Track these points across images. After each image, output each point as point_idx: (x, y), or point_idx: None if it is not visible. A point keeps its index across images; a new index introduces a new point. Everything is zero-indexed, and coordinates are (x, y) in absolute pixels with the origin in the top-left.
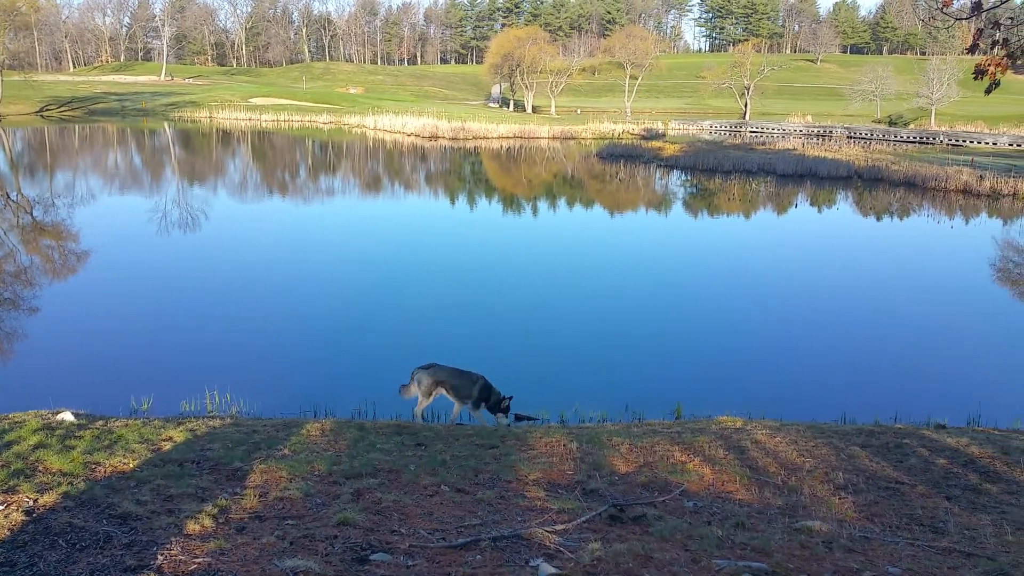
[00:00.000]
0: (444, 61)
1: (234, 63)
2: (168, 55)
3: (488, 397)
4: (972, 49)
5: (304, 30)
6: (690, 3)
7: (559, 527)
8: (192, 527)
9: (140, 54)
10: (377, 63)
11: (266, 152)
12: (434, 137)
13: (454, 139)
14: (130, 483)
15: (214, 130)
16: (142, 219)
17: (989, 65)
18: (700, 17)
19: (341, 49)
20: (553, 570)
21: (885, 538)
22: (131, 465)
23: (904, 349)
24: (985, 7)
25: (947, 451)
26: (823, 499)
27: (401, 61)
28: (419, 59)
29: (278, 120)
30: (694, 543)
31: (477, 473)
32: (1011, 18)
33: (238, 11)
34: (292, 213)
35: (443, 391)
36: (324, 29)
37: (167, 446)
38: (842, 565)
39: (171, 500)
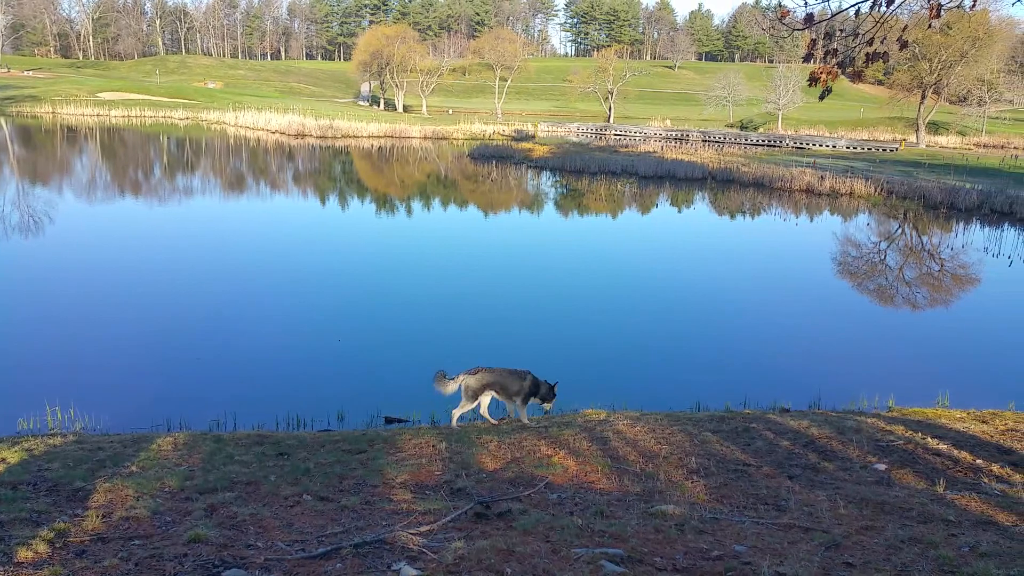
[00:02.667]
0: (310, 57)
1: (80, 55)
2: (3, 45)
3: (538, 390)
4: (807, 58)
5: (158, 22)
6: (556, 8)
7: (424, 528)
8: (24, 554)
9: None
10: (238, 57)
11: (116, 149)
12: (301, 135)
13: (322, 137)
14: None
15: (58, 126)
16: None
17: (821, 73)
18: (566, 22)
19: (199, 42)
20: (415, 572)
21: (733, 518)
22: None
23: (754, 338)
24: (817, 20)
25: (790, 433)
26: (677, 483)
27: (264, 56)
28: (283, 54)
29: (129, 116)
30: (555, 534)
31: (342, 480)
32: (841, 30)
33: (83, 0)
34: (144, 214)
35: (493, 393)
36: (180, 21)
37: None
38: (693, 546)
39: (1, 527)
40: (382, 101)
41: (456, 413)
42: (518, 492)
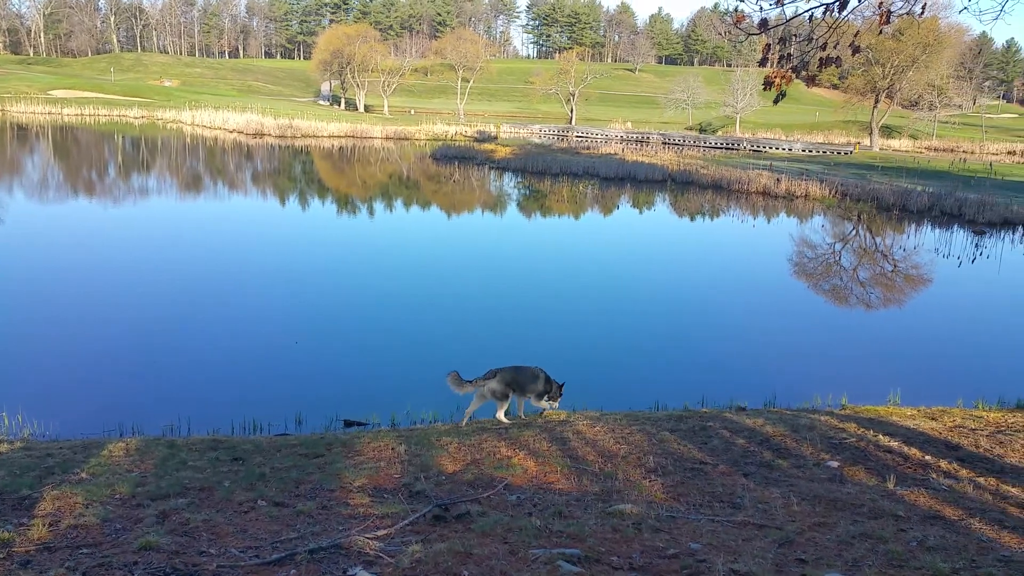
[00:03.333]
0: (269, 55)
1: (31, 52)
2: None
3: (551, 388)
4: (763, 62)
5: (112, 18)
6: (518, 10)
7: (381, 533)
8: None
9: None
10: (195, 55)
11: (69, 148)
12: (259, 134)
13: (281, 137)
14: None
15: (7, 124)
16: None
17: (776, 77)
18: (527, 24)
19: (155, 40)
20: None
21: (689, 516)
22: None
23: (712, 338)
24: (772, 25)
25: (746, 431)
26: (635, 483)
27: (222, 54)
28: (241, 52)
29: (83, 114)
30: (513, 535)
31: (298, 484)
32: (795, 35)
33: None
34: (97, 215)
35: (511, 392)
36: (135, 18)
37: None
38: (650, 544)
39: None
40: (343, 101)
41: (469, 412)
42: (477, 494)
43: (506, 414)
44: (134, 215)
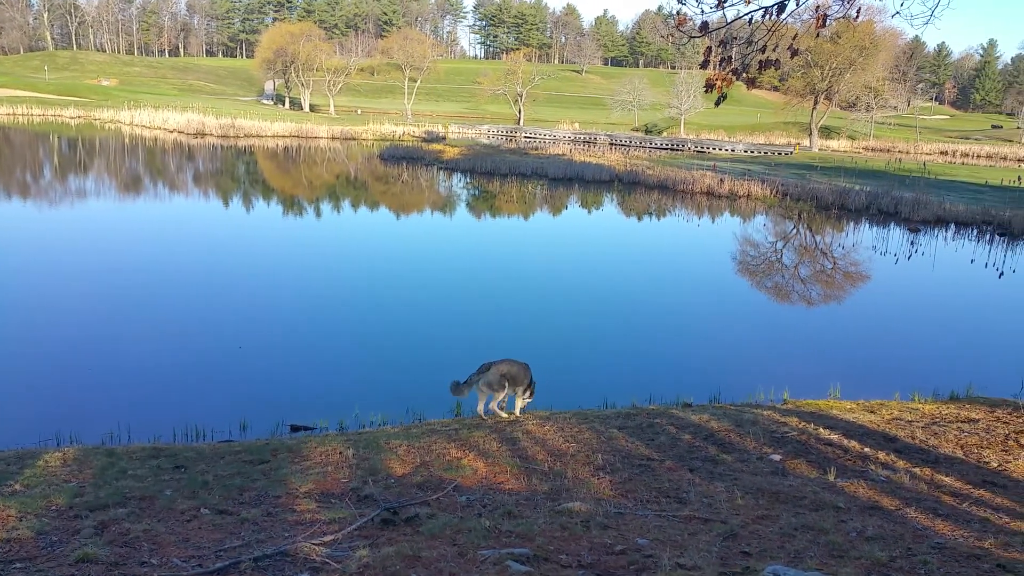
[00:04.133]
0: (210, 54)
1: None
2: None
3: (531, 383)
4: (704, 64)
5: (46, 15)
6: (465, 10)
7: (328, 538)
8: None
9: None
10: (134, 54)
11: (0, 149)
12: (201, 134)
13: (223, 136)
14: None
15: None
16: None
17: (717, 79)
18: (474, 24)
19: (91, 38)
20: None
21: (637, 512)
22: None
23: (660, 336)
24: (712, 28)
25: (692, 427)
26: (584, 481)
27: (162, 52)
28: (182, 51)
29: (15, 113)
30: (462, 537)
31: (243, 491)
32: (735, 37)
33: None
34: (30, 218)
35: (506, 384)
36: (70, 15)
37: None
38: (598, 541)
39: None
40: (287, 100)
41: (483, 407)
42: (426, 496)
43: (500, 408)
44: (70, 218)
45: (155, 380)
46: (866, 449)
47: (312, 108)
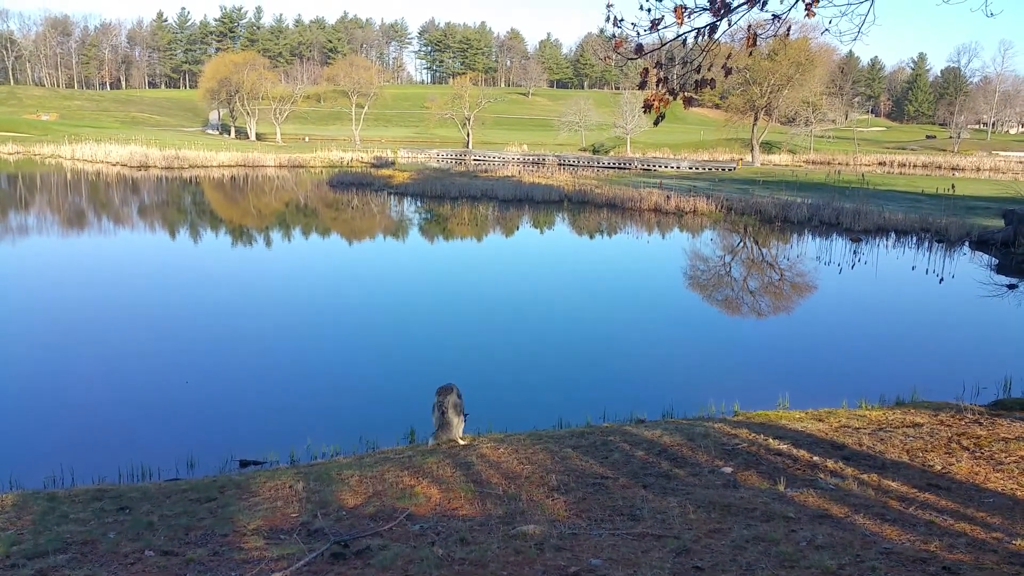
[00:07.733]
0: (153, 85)
1: None
2: None
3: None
4: (642, 85)
5: None
6: (410, 36)
7: None
8: None
9: None
10: (74, 87)
11: None
12: (144, 166)
13: (168, 168)
14: None
15: None
16: None
17: (655, 100)
18: (420, 50)
19: (29, 72)
20: None
21: (591, 532)
22: None
23: (612, 353)
24: (647, 50)
25: (645, 443)
26: (539, 502)
27: (103, 85)
28: (123, 83)
29: None
30: (414, 567)
31: (189, 531)
32: (671, 58)
33: None
34: None
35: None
36: (6, 50)
37: None
38: (552, 564)
39: None
40: (232, 129)
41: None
42: (379, 527)
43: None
44: (9, 255)
45: (99, 419)
46: (815, 458)
47: (259, 137)
